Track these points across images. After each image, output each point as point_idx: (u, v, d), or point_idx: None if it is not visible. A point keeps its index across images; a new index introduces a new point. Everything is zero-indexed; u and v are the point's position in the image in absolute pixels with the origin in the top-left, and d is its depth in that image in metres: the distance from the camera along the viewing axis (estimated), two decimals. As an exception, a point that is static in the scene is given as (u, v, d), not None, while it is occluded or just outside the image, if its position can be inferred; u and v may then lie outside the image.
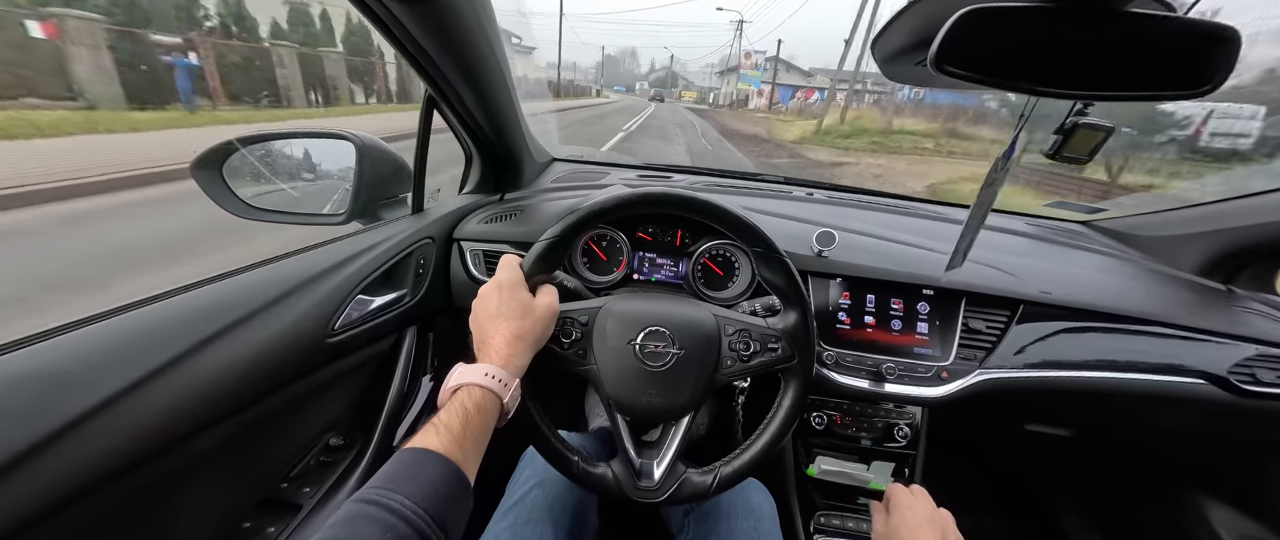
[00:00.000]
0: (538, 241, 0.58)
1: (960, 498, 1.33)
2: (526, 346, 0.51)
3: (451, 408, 0.43)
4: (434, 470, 0.38)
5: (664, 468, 0.58)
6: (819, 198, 1.24)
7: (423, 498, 0.35)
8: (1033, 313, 0.84)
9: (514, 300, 0.52)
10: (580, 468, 0.58)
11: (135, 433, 0.41)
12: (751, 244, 0.61)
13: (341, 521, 0.34)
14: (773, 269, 0.60)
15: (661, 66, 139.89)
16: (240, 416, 0.51)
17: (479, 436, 0.43)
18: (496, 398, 0.46)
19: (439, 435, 0.40)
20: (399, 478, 0.37)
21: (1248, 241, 0.94)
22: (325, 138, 0.90)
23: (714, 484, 0.58)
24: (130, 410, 0.41)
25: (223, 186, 0.83)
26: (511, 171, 1.11)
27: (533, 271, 0.57)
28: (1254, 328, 0.83)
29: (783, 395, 0.61)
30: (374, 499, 0.35)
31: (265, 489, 0.60)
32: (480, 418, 0.44)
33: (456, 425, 0.42)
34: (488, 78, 0.78)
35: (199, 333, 0.47)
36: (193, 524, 0.50)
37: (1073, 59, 0.48)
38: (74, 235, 3.06)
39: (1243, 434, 0.91)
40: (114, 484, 0.40)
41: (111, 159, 4.23)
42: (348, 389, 0.72)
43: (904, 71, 0.64)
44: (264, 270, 0.59)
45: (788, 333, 0.60)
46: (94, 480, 0.38)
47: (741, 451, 0.60)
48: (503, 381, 0.47)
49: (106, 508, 0.41)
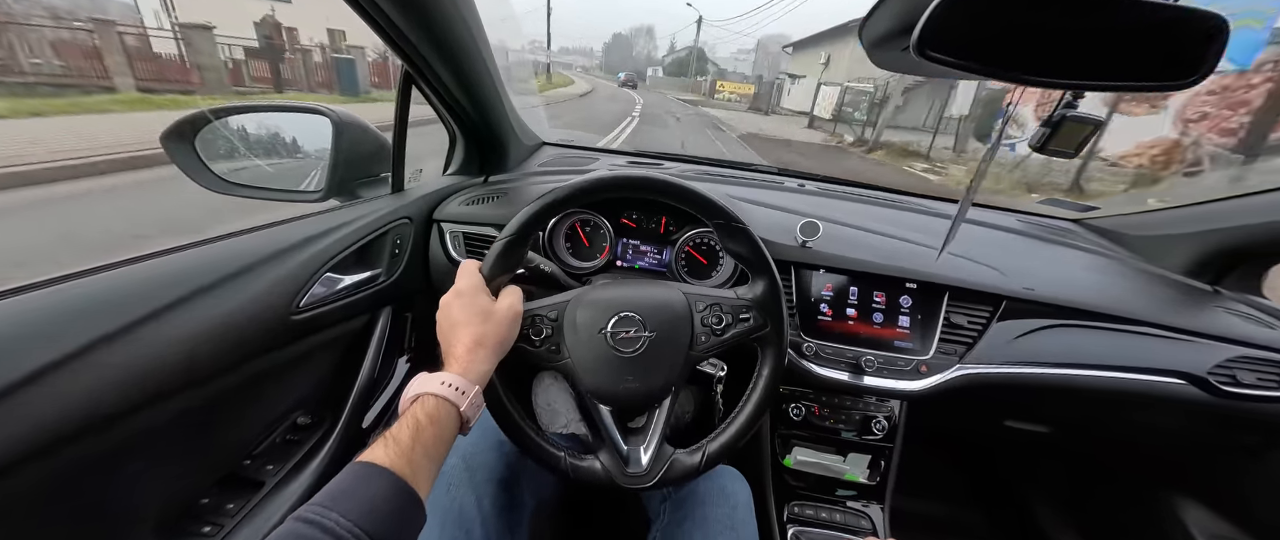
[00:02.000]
0: (495, 242, 0.57)
1: (937, 491, 1.35)
2: (488, 352, 0.50)
3: (403, 420, 0.43)
4: (377, 486, 0.37)
5: (651, 452, 0.57)
6: (810, 189, 1.22)
7: (361, 515, 0.35)
8: (1015, 309, 0.83)
9: (473, 306, 0.52)
10: (568, 463, 0.57)
11: (77, 402, 0.40)
12: (711, 217, 0.60)
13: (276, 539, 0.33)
14: (735, 239, 0.60)
15: (683, 46, 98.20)
16: (196, 391, 0.49)
17: (431, 447, 0.42)
18: (453, 406, 0.45)
19: (387, 449, 0.40)
20: (339, 495, 0.36)
21: (1236, 242, 0.93)
22: (302, 113, 0.88)
23: (702, 461, 0.58)
24: (69, 380, 0.39)
25: (195, 158, 0.81)
26: (496, 153, 1.09)
27: (493, 274, 0.56)
28: (1237, 329, 0.83)
29: (760, 365, 0.61)
30: (310, 518, 0.34)
31: (226, 465, 0.60)
32: (433, 428, 0.43)
33: (406, 438, 0.41)
34: (465, 55, 0.76)
35: (150, 303, 0.46)
36: (144, 498, 0.50)
37: (1060, 46, 0.47)
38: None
39: (1219, 435, 0.91)
40: (50, 455, 0.39)
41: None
42: (317, 367, 0.71)
43: (891, 58, 0.62)
44: (225, 244, 0.58)
45: (758, 302, 0.59)
46: (26, 451, 0.37)
47: (726, 427, 0.60)
48: (460, 389, 0.46)
49: (44, 478, 0.40)
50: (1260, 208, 0.89)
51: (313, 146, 0.93)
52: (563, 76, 37.20)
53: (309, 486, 0.64)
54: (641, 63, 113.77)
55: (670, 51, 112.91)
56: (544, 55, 39.82)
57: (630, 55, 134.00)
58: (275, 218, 0.69)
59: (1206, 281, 0.97)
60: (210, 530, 0.54)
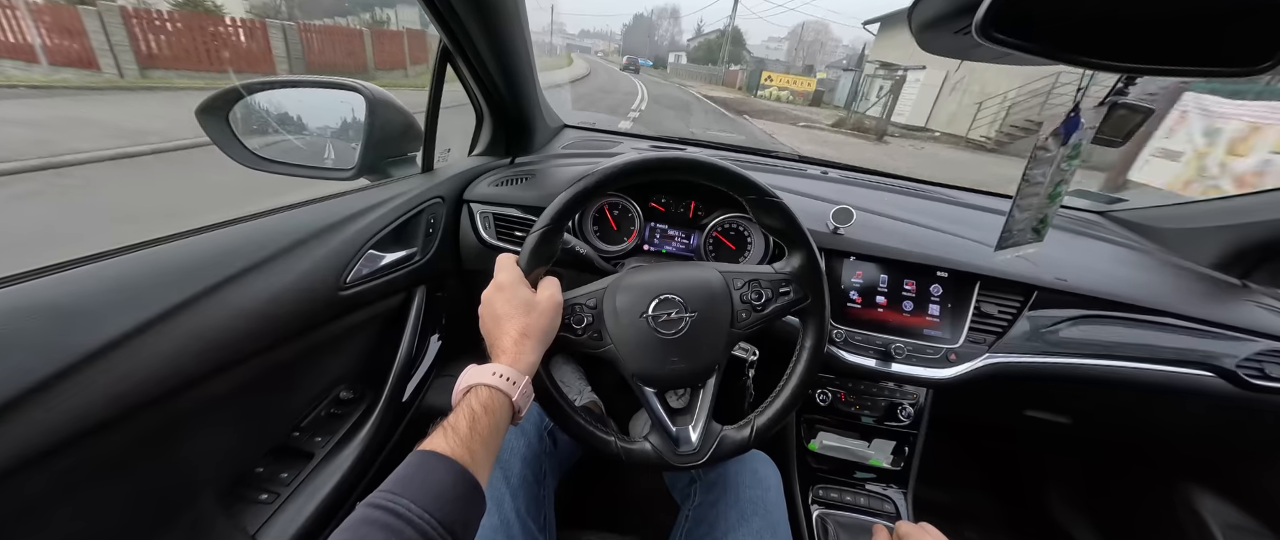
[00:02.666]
0: (529, 235, 0.57)
1: (951, 478, 1.37)
2: (534, 342, 0.51)
3: (460, 410, 0.43)
4: (441, 473, 0.38)
5: (700, 430, 0.58)
6: (833, 177, 1.22)
7: (429, 502, 0.35)
8: (1046, 299, 0.84)
9: (515, 298, 0.52)
10: (619, 447, 0.58)
11: (145, 373, 0.41)
12: (743, 192, 0.60)
13: (350, 526, 0.34)
14: (770, 213, 0.59)
15: (712, 30, 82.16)
16: (252, 364, 0.50)
17: (488, 437, 0.43)
18: (505, 396, 0.46)
19: (447, 438, 0.41)
20: (406, 482, 0.37)
21: (1267, 237, 0.93)
22: (336, 88, 0.88)
23: (753, 435, 0.58)
24: (139, 350, 0.40)
25: (228, 133, 0.81)
26: (523, 134, 1.09)
27: (530, 265, 0.56)
28: (1266, 323, 0.83)
29: (803, 338, 0.61)
30: (381, 504, 0.35)
31: (277, 436, 0.61)
32: (489, 418, 0.44)
33: (464, 427, 0.42)
34: (507, 32, 0.75)
35: (211, 277, 0.47)
36: (204, 467, 0.51)
37: (1124, 28, 0.46)
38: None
39: (1243, 429, 0.92)
40: (124, 422, 0.40)
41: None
42: (358, 343, 0.72)
43: (941, 41, 0.62)
44: (276, 218, 0.58)
45: (796, 274, 0.60)
46: (104, 417, 0.38)
47: (773, 399, 0.60)
48: (511, 380, 0.47)
49: (116, 446, 0.41)
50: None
51: (342, 121, 0.92)
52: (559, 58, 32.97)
53: (357, 458, 0.65)
54: (663, 48, 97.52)
55: (697, 35, 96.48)
56: (561, 37, 37.76)
57: (651, 39, 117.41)
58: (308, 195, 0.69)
59: (1235, 276, 0.96)
60: (267, 498, 0.56)
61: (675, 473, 0.78)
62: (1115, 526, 1.19)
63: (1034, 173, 0.63)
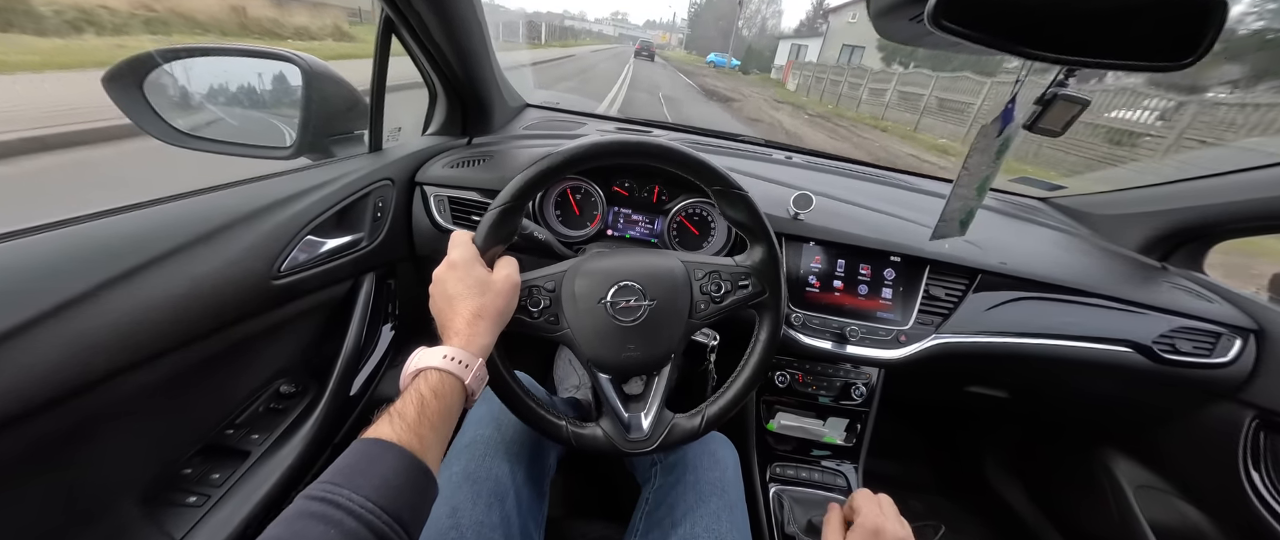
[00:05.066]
0: (487, 211, 0.54)
1: (899, 451, 1.45)
2: (489, 324, 0.49)
3: (407, 395, 0.41)
4: (388, 462, 0.36)
5: (651, 417, 0.59)
6: (797, 162, 1.23)
7: (373, 491, 0.34)
8: (989, 282, 0.88)
9: (469, 278, 0.50)
10: (570, 431, 0.58)
11: (43, 369, 0.37)
12: (709, 183, 0.59)
13: (285, 520, 0.32)
14: (734, 205, 0.60)
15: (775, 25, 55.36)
16: (175, 356, 0.46)
17: (438, 422, 0.41)
18: (457, 380, 0.44)
19: (393, 424, 0.39)
20: (348, 472, 0.35)
21: (1182, 223, 1.00)
22: (266, 58, 0.80)
23: (702, 425, 0.59)
24: (34, 344, 0.36)
25: (143, 105, 0.73)
26: (481, 113, 1.04)
27: (487, 244, 0.54)
28: (1180, 302, 0.90)
29: (758, 331, 0.62)
30: (320, 495, 0.33)
31: (207, 435, 0.57)
32: (438, 403, 0.42)
33: (412, 413, 0.40)
34: (455, 3, 0.70)
35: (121, 263, 0.42)
36: (122, 470, 0.47)
37: (1066, 22, 0.47)
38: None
39: (1155, 398, 1.01)
40: (19, 424, 0.36)
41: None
42: (299, 335, 0.68)
43: (897, 28, 0.62)
44: (201, 200, 0.53)
45: (756, 268, 0.60)
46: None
47: (724, 390, 0.61)
48: (463, 362, 0.45)
49: (11, 452, 0.37)
50: (1204, 192, 0.96)
51: (279, 95, 0.85)
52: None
53: (300, 455, 0.62)
54: (717, 42, 57.53)
55: (759, 31, 59.54)
56: (611, 27, 33.21)
57: (712, 31, 72.26)
58: (246, 174, 0.64)
59: (1156, 259, 1.04)
60: (196, 500, 0.52)
61: (637, 457, 0.79)
62: (1043, 489, 1.30)
63: (972, 162, 0.65)
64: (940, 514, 1.32)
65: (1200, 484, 0.99)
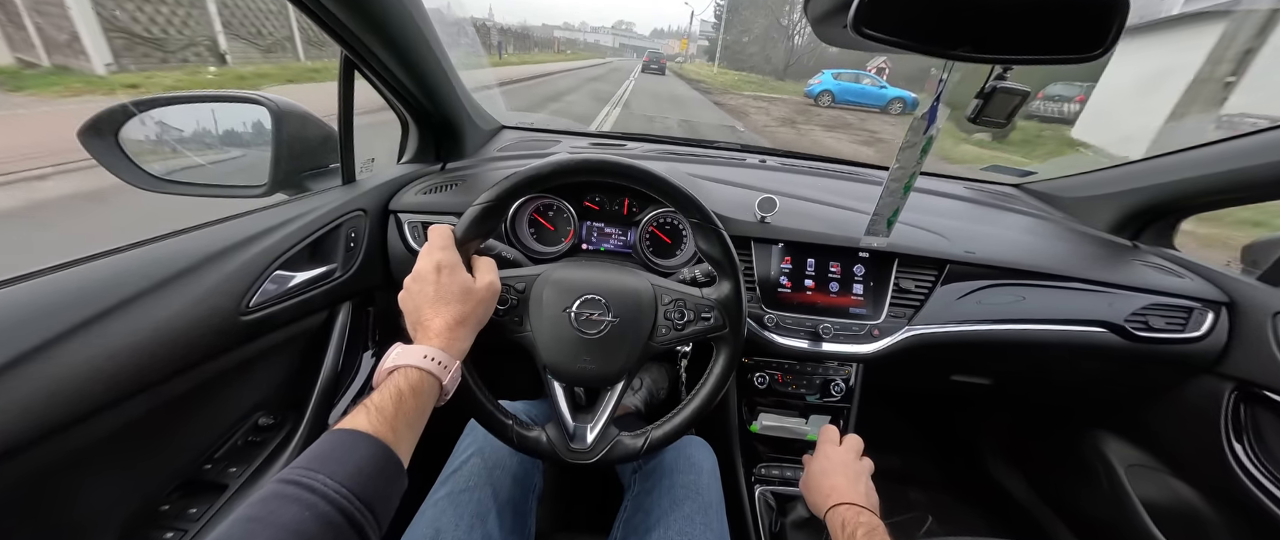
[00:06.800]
0: (471, 206, 0.56)
1: (894, 443, 1.45)
2: (469, 330, 0.51)
3: (384, 389, 0.43)
4: (362, 451, 0.37)
5: (597, 431, 0.60)
6: (772, 164, 1.25)
7: (347, 477, 0.35)
8: (958, 272, 0.89)
9: (454, 283, 0.51)
10: (515, 433, 0.59)
11: (16, 413, 0.38)
12: (688, 214, 0.60)
13: (259, 500, 0.33)
14: (708, 240, 0.61)
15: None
16: (144, 397, 0.48)
17: (412, 418, 0.43)
18: (435, 380, 0.46)
19: (369, 416, 0.40)
20: (323, 457, 0.36)
21: (1151, 200, 1.01)
22: (236, 102, 0.83)
23: (645, 445, 0.60)
24: (3, 391, 0.38)
25: (118, 155, 0.76)
26: (452, 139, 1.06)
27: (467, 237, 0.55)
28: (1151, 280, 0.91)
29: (714, 362, 0.63)
30: (294, 479, 0.34)
31: (185, 471, 0.58)
32: (415, 400, 0.43)
33: (388, 406, 0.41)
34: (407, 39, 0.73)
35: (88, 310, 0.44)
36: (98, 511, 0.48)
37: (985, 23, 0.49)
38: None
39: (1133, 376, 1.01)
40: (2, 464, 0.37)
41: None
42: (275, 368, 0.69)
43: (834, 34, 0.64)
44: (166, 244, 0.55)
45: (721, 303, 0.61)
46: None
47: (674, 415, 0.62)
48: (443, 364, 0.46)
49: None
50: (1169, 168, 0.97)
51: (254, 137, 0.88)
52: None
53: None
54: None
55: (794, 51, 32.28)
56: (609, 36, 30.26)
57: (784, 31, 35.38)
58: (218, 216, 0.66)
59: (1127, 237, 1.05)
60: (173, 536, 0.53)
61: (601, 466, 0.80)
62: (1038, 473, 1.29)
63: (902, 156, 0.66)
64: (938, 503, 1.32)
65: (1188, 460, 0.99)
